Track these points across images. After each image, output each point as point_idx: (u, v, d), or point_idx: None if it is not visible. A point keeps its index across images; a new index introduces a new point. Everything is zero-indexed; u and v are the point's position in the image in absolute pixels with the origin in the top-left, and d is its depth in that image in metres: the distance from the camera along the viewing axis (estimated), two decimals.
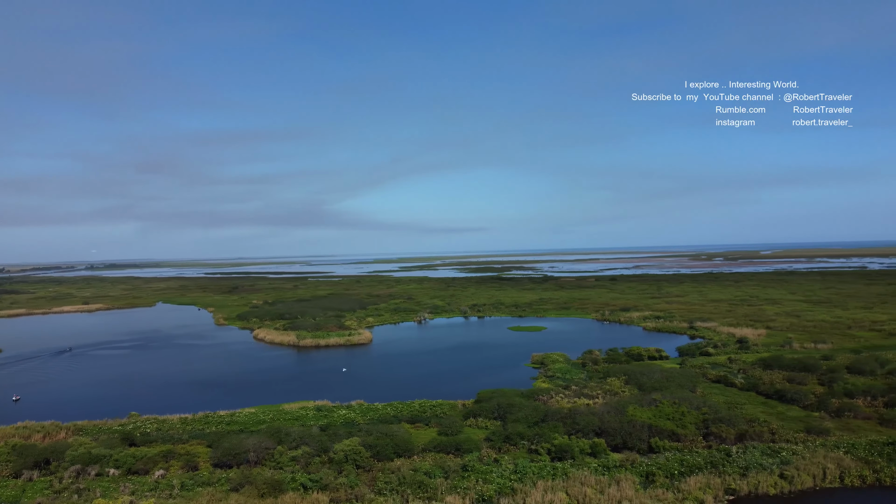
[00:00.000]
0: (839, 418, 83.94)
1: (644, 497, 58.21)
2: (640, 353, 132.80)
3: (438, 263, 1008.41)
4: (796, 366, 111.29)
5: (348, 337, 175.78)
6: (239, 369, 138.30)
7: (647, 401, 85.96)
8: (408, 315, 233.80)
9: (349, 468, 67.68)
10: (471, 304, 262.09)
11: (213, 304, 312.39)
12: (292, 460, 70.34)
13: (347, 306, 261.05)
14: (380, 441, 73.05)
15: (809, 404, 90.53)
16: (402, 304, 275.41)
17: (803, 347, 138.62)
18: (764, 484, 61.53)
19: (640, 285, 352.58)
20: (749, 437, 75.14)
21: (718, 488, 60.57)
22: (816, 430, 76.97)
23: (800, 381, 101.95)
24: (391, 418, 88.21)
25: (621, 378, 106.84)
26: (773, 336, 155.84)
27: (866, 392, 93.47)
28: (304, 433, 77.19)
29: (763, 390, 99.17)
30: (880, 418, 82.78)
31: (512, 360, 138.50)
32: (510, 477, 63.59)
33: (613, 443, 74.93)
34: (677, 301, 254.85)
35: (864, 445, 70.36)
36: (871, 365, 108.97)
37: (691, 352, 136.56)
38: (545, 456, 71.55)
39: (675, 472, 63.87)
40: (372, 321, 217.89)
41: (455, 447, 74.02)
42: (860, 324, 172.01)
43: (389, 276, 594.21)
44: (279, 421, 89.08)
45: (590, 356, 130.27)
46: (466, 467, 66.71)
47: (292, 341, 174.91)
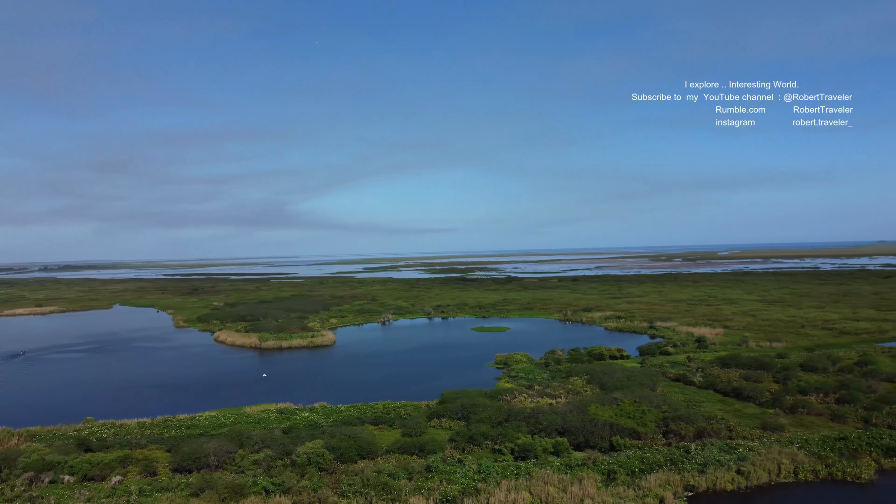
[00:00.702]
0: (793, 415, 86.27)
1: (606, 495, 59.00)
2: (601, 352, 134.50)
3: (403, 264, 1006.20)
4: (752, 364, 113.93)
5: (311, 338, 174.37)
6: (199, 372, 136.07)
7: (609, 400, 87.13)
8: (371, 316, 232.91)
9: (312, 471, 67.16)
10: (435, 305, 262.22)
11: (172, 306, 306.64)
12: (254, 464, 69.50)
13: (310, 308, 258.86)
14: (343, 443, 72.65)
15: (765, 401, 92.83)
16: (365, 305, 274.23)
17: (759, 346, 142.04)
18: (721, 480, 62.92)
19: (602, 286, 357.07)
20: (707, 434, 76.74)
21: (678, 485, 61.74)
22: (772, 426, 79.03)
23: (756, 378, 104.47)
24: (355, 420, 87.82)
25: (583, 377, 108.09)
26: (731, 335, 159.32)
27: (819, 389, 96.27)
28: (266, 436, 76.34)
29: (721, 388, 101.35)
30: (832, 414, 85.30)
31: (475, 361, 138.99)
32: (474, 477, 63.84)
33: (576, 441, 75.80)
34: (638, 301, 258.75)
35: (816, 441, 72.43)
36: (823, 363, 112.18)
37: (651, 351, 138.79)
38: (508, 455, 72.03)
39: (635, 469, 64.88)
40: (335, 322, 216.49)
41: (419, 448, 74.03)
42: (813, 323, 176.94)
43: (353, 277, 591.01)
44: (241, 424, 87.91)
45: (552, 356, 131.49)
46: (430, 468, 66.75)
47: (254, 343, 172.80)
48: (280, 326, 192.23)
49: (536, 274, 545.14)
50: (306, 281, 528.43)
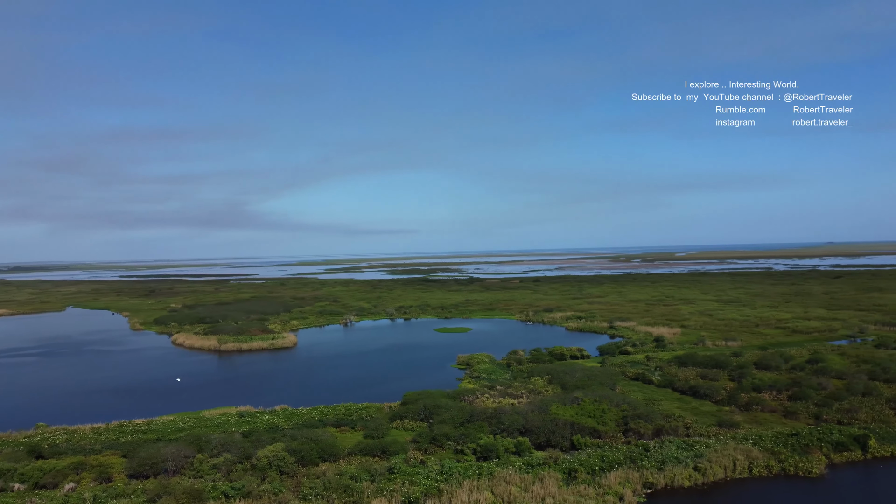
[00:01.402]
0: (748, 412, 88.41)
1: (567, 493, 59.63)
2: (562, 352, 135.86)
3: (365, 265, 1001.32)
4: (709, 363, 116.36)
5: (272, 340, 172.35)
6: (156, 375, 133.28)
7: (570, 399, 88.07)
8: (333, 318, 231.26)
9: (273, 474, 66.38)
10: (397, 306, 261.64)
11: (128, 309, 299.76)
12: (213, 468, 68.37)
13: (271, 309, 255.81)
14: (305, 446, 71.97)
15: (721, 399, 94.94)
16: (327, 306, 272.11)
17: (715, 345, 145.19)
18: (679, 477, 64.17)
19: (563, 286, 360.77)
20: (665, 431, 78.18)
21: (637, 482, 62.74)
22: (727, 423, 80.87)
23: (712, 377, 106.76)
24: (316, 422, 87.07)
25: (545, 377, 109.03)
26: (688, 334, 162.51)
27: (772, 386, 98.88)
28: (225, 440, 75.15)
29: (678, 387, 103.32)
30: (785, 411, 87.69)
31: (438, 362, 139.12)
32: (436, 478, 63.87)
33: (537, 441, 76.42)
34: (598, 301, 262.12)
35: (770, 437, 74.35)
36: (776, 361, 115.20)
37: (611, 351, 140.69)
38: (471, 456, 72.26)
39: (596, 467, 65.70)
40: (296, 324, 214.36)
41: (381, 450, 73.77)
42: (766, 322, 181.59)
43: (315, 278, 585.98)
44: (199, 428, 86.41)
45: (514, 356, 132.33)
46: (393, 469, 66.57)
47: (213, 346, 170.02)
48: (240, 328, 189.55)
49: (498, 275, 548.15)
50: (267, 282, 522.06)
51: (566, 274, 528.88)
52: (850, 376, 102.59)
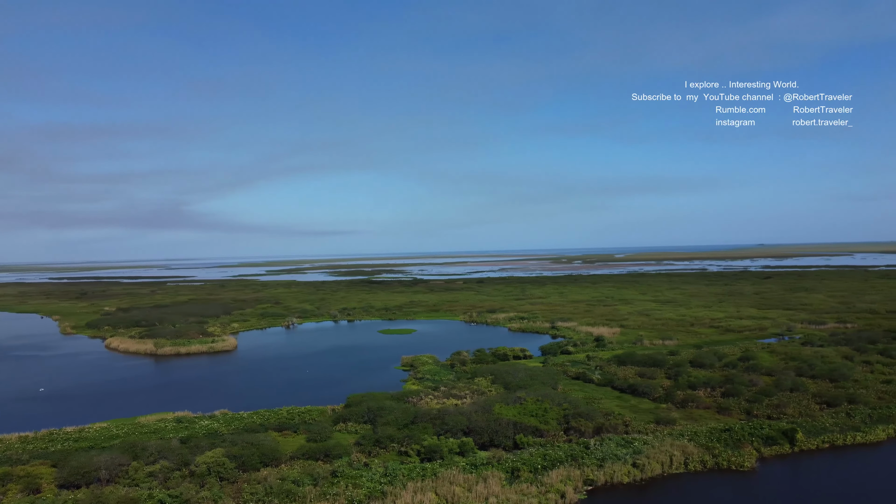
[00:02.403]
0: (684, 409, 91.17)
1: (510, 492, 60.29)
2: (505, 353, 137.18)
3: (308, 267, 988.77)
4: (647, 361, 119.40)
5: (211, 344, 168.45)
6: (89, 381, 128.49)
7: (513, 399, 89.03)
8: (275, 320, 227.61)
9: (212, 481, 64.89)
10: (341, 308, 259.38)
11: (58, 312, 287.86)
12: (149, 476, 66.38)
13: (211, 312, 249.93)
14: (245, 451, 70.63)
15: (658, 397, 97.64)
16: (269, 308, 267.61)
17: (653, 344, 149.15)
18: (619, 473, 65.67)
19: (506, 287, 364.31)
20: (606, 429, 79.91)
21: (578, 480, 63.94)
22: (664, 420, 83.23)
23: (650, 375, 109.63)
24: (258, 427, 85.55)
25: (488, 378, 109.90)
26: (627, 334, 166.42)
27: (706, 384, 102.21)
28: (162, 447, 73.05)
29: (618, 385, 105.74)
30: (718, 407, 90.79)
31: (382, 363, 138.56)
32: (380, 480, 63.65)
33: (481, 441, 76.99)
34: (540, 302, 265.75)
35: (704, 433, 76.85)
36: (710, 359, 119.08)
37: (553, 350, 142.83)
38: (415, 457, 72.27)
39: (538, 466, 66.63)
40: (237, 327, 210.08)
41: (324, 453, 73.05)
42: (701, 321, 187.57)
43: (256, 280, 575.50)
44: (135, 435, 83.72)
45: (458, 357, 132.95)
46: (336, 473, 66.01)
47: (150, 350, 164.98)
48: (178, 332, 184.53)
49: (443, 276, 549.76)
50: (206, 284, 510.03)
51: (509, 275, 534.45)
52: (778, 373, 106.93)
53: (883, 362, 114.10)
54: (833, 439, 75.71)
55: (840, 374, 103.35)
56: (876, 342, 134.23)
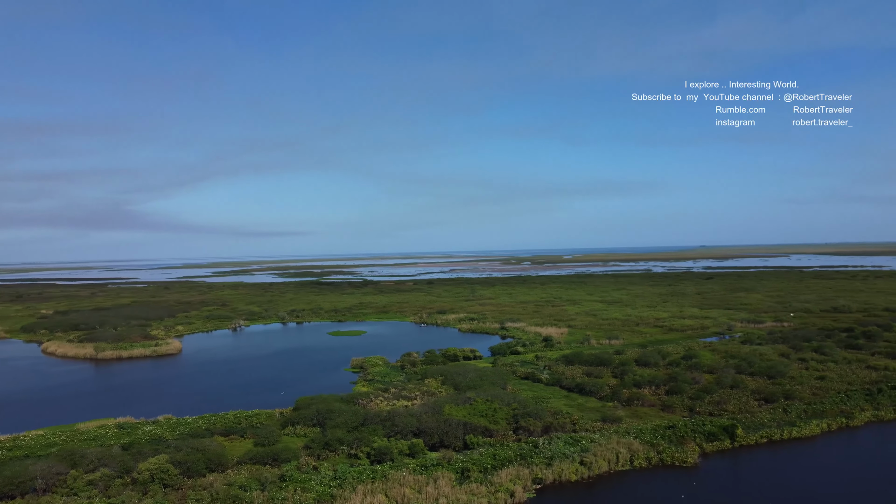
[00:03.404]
0: (629, 407, 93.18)
1: (460, 492, 60.58)
2: (455, 353, 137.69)
3: (256, 268, 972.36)
4: (593, 361, 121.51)
5: (155, 347, 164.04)
6: (23, 387, 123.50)
7: (463, 399, 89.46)
8: (222, 322, 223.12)
9: (156, 488, 63.24)
10: (289, 310, 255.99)
11: None
12: (89, 484, 64.28)
13: (154, 314, 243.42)
14: (190, 457, 69.08)
15: (605, 395, 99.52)
16: (215, 310, 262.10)
17: (599, 343, 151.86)
18: (567, 471, 66.72)
19: (456, 288, 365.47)
20: (554, 428, 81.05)
21: (527, 478, 64.68)
22: (610, 418, 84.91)
23: (597, 374, 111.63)
24: (203, 432, 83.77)
25: (438, 379, 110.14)
26: (574, 334, 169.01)
27: (651, 382, 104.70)
28: (103, 454, 70.81)
29: (566, 384, 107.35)
30: (662, 405, 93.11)
31: (332, 366, 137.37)
32: (330, 483, 63.13)
33: (431, 442, 77.11)
34: (490, 303, 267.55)
35: (649, 430, 78.70)
36: (654, 358, 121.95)
37: (502, 351, 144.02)
38: (365, 460, 71.93)
39: (488, 466, 67.14)
40: (182, 330, 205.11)
41: (272, 457, 72.02)
42: (646, 321, 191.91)
43: (202, 281, 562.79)
44: (73, 442, 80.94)
45: (408, 358, 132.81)
46: (284, 477, 65.17)
47: (89, 354, 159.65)
48: (119, 335, 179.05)
49: (393, 277, 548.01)
50: (150, 286, 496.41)
51: (459, 276, 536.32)
52: (719, 371, 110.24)
53: (817, 359, 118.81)
54: (771, 434, 78.52)
55: (777, 371, 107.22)
56: (810, 340, 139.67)
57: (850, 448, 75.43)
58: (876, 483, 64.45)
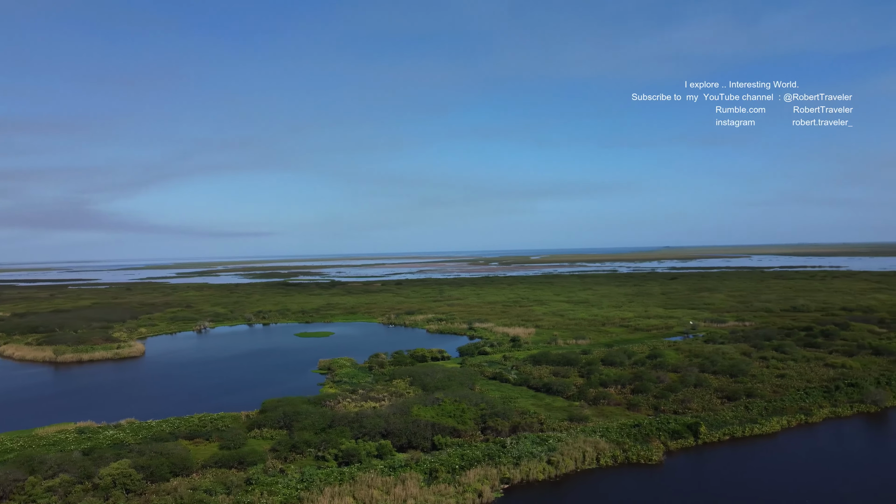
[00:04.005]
0: (596, 406, 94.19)
1: (428, 493, 60.60)
2: (423, 354, 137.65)
3: (221, 269, 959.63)
4: (561, 360, 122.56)
5: (117, 350, 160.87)
6: None
7: (431, 400, 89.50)
8: (186, 324, 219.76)
9: (118, 493, 62.02)
10: (256, 311, 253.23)
11: None
12: (48, 491, 62.75)
13: (116, 316, 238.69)
14: (154, 461, 67.90)
15: (572, 395, 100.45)
16: (179, 312, 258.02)
17: (566, 343, 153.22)
18: (534, 471, 67.17)
19: (424, 289, 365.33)
20: (521, 428, 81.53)
21: (495, 478, 64.96)
22: (577, 417, 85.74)
23: (563, 374, 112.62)
24: (167, 435, 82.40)
25: (406, 379, 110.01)
26: (541, 334, 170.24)
27: (617, 381, 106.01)
28: (62, 459, 69.18)
29: (533, 384, 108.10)
30: (628, 404, 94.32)
31: (299, 367, 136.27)
32: (297, 486, 62.61)
33: (399, 443, 76.98)
34: (458, 303, 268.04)
35: (615, 429, 79.66)
36: (620, 357, 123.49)
37: (470, 351, 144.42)
38: (332, 462, 71.51)
39: (456, 466, 67.26)
40: (145, 332, 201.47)
41: (238, 461, 71.18)
42: (612, 321, 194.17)
43: (165, 282, 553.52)
44: (32, 448, 78.88)
45: (376, 359, 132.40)
46: (250, 480, 64.46)
47: (48, 357, 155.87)
48: (80, 338, 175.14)
49: (361, 278, 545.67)
50: (111, 287, 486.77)
51: (427, 277, 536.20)
52: (683, 369, 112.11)
53: (777, 358, 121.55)
54: (733, 431, 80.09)
55: (739, 369, 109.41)
56: (771, 339, 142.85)
57: (809, 444, 77.28)
58: (833, 478, 66.13)
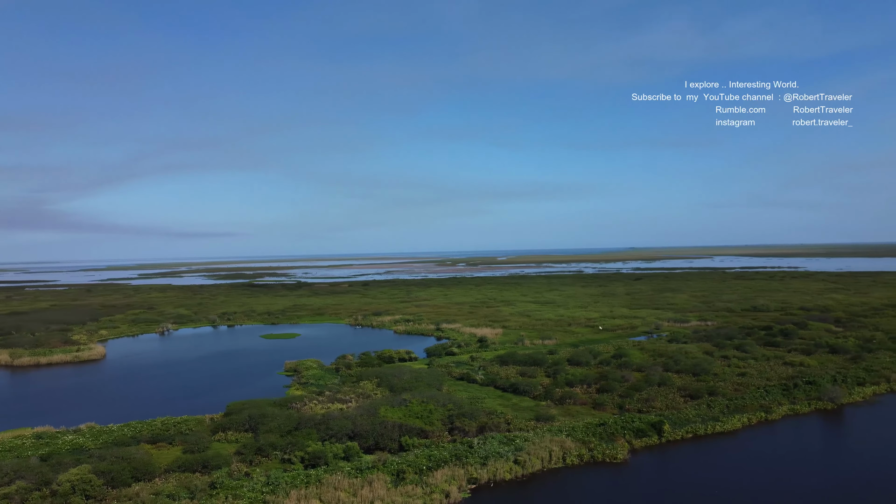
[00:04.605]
0: (562, 405, 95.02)
1: (395, 494, 60.47)
2: (391, 355, 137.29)
3: (185, 270, 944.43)
4: (527, 361, 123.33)
5: (77, 353, 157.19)
6: None
7: (398, 401, 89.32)
8: (149, 326, 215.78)
9: (77, 500, 60.64)
10: (220, 313, 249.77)
11: None
12: (4, 498, 61.05)
13: (76, 319, 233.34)
14: (115, 466, 66.54)
15: (538, 395, 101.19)
16: (141, 314, 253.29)
17: (533, 344, 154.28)
18: (501, 470, 67.48)
19: (392, 290, 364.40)
20: (489, 428, 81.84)
21: (462, 479, 65.12)
22: (544, 417, 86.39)
23: (530, 374, 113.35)
24: (129, 440, 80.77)
25: (373, 381, 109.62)
26: (509, 334, 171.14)
27: (583, 381, 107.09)
28: (19, 465, 67.39)
29: (500, 384, 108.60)
30: (594, 403, 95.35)
31: (265, 369, 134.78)
32: (262, 490, 61.93)
33: (366, 444, 76.69)
34: (425, 304, 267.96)
35: (581, 428, 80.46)
36: (586, 357, 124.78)
37: (438, 352, 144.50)
38: (299, 464, 70.91)
39: (423, 467, 67.23)
40: (106, 334, 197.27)
41: (202, 464, 70.13)
42: (578, 321, 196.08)
43: (127, 284, 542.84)
44: None
45: (343, 361, 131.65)
46: (215, 484, 63.57)
47: (4, 361, 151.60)
48: (37, 341, 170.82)
49: (327, 279, 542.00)
50: (71, 289, 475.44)
51: (395, 278, 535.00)
52: (648, 369, 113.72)
53: (738, 356, 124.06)
54: (696, 430, 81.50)
55: (701, 368, 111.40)
56: (732, 338, 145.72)
57: (770, 441, 79.00)
58: (793, 474, 67.72)
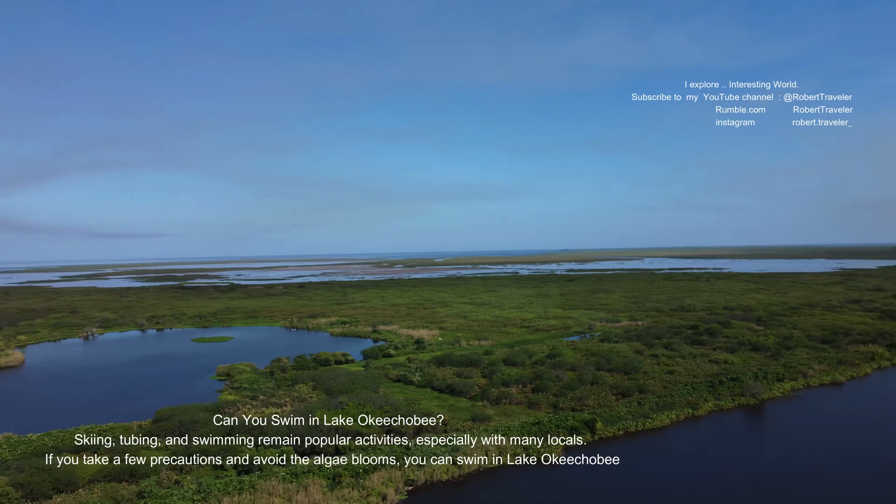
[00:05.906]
0: (498, 405, 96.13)
1: (331, 498, 59.98)
2: (327, 358, 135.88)
3: (111, 272, 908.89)
4: (464, 361, 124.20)
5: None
6: None
7: (335, 404, 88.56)
8: (71, 330, 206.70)
9: None
10: (148, 316, 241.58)
11: None
12: None
13: None
14: (34, 478, 63.63)
15: (475, 395, 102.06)
16: (63, 318, 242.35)
17: (470, 344, 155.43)
18: (438, 471, 67.86)
19: (328, 292, 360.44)
20: (426, 429, 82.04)
21: (399, 480, 65.15)
22: (480, 417, 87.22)
23: (467, 375, 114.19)
24: (50, 450, 77.22)
25: (309, 384, 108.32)
26: (445, 335, 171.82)
27: (518, 381, 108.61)
28: None
29: (437, 385, 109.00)
30: (529, 402, 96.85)
31: (196, 374, 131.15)
32: (193, 498, 60.39)
33: (301, 449, 75.65)
34: (362, 306, 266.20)
35: (517, 427, 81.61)
36: (521, 357, 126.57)
37: (375, 354, 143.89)
38: (231, 470, 69.44)
39: (360, 470, 66.90)
40: (24, 339, 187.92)
41: (129, 473, 67.84)
42: (513, 322, 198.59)
43: (48, 286, 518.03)
44: None
45: (278, 364, 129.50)
46: (143, 493, 61.60)
47: None
48: None
49: (262, 281, 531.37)
50: None
51: (331, 279, 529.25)
52: (581, 368, 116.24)
53: (667, 355, 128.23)
54: (627, 427, 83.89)
55: (632, 366, 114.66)
56: (661, 337, 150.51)
57: (696, 436, 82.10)
58: (719, 467, 70.61)
